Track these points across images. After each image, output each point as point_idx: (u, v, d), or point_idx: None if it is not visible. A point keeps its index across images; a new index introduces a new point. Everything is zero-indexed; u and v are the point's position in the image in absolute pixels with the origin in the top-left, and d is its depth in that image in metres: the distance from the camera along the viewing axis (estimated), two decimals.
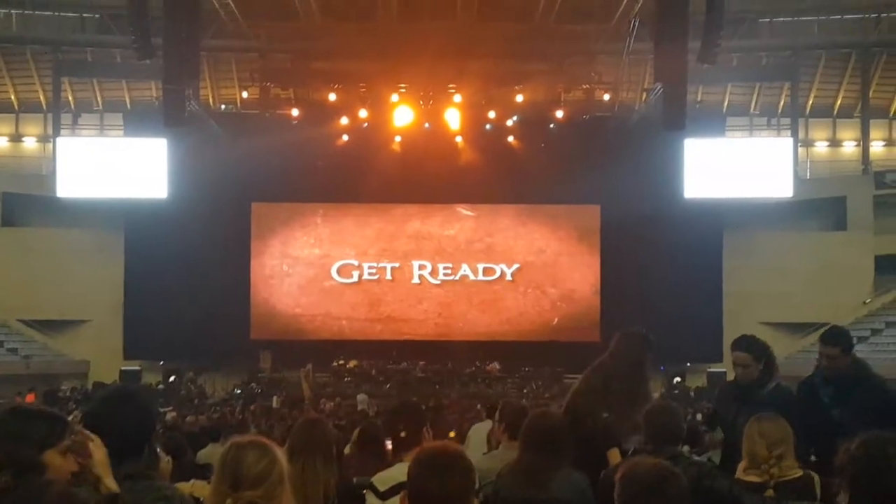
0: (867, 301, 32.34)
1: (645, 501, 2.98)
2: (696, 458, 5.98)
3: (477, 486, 2.95)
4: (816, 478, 4.78)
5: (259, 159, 28.50)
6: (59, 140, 32.32)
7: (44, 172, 32.78)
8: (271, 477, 3.02)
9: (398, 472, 4.58)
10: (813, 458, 5.30)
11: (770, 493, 4.61)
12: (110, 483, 3.16)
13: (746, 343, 5.93)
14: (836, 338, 6.03)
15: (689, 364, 30.43)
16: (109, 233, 31.51)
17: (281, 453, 3.14)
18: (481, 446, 9.86)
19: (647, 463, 3.14)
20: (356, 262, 32.16)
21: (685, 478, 3.14)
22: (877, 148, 34.82)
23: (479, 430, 10.19)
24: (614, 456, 5.42)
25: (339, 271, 32.06)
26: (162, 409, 21.31)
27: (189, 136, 28.36)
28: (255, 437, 3.19)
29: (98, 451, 3.14)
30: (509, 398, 10.42)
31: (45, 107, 34.28)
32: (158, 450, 4.80)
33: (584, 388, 6.05)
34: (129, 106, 34.23)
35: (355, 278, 32.11)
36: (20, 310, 31.26)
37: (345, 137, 30.50)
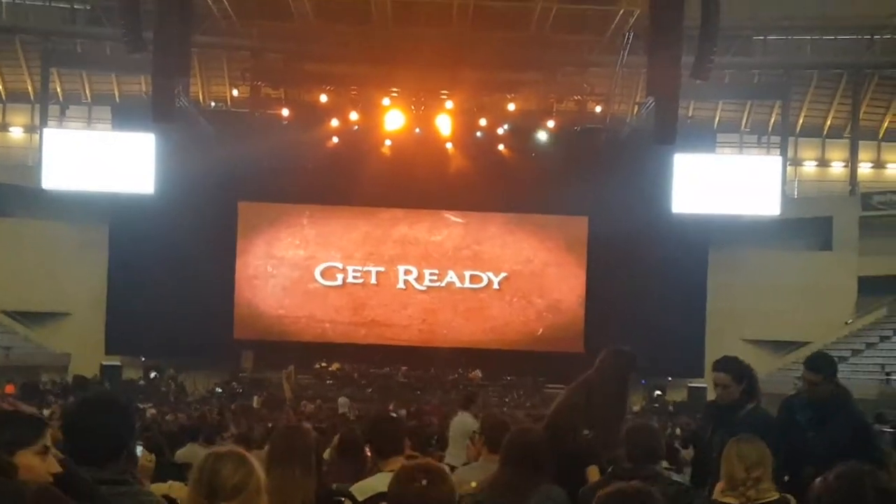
0: (849, 321, 32.51)
1: None
2: (674, 476, 6.00)
3: (457, 501, 2.97)
4: (793, 501, 4.79)
5: (247, 158, 28.39)
6: (45, 131, 32.12)
7: (30, 163, 32.60)
8: (248, 488, 3.00)
9: (377, 483, 4.58)
10: (786, 478, 5.32)
11: None
12: None
13: (727, 364, 5.92)
14: (819, 364, 6.03)
15: (670, 378, 30.53)
16: (94, 226, 31.34)
17: (258, 464, 3.12)
18: (462, 440, 9.91)
19: (625, 486, 3.14)
20: (341, 266, 32.14)
21: (662, 499, 3.15)
22: (865, 169, 35.00)
23: (457, 425, 10.24)
24: (593, 473, 5.42)
25: (322, 274, 32.03)
26: (141, 406, 21.24)
27: (177, 132, 28.23)
28: (232, 447, 3.17)
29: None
30: (491, 411, 10.39)
31: (32, 97, 34.06)
32: (141, 448, 4.78)
33: (566, 404, 6.05)
34: (117, 99, 34.09)
35: (339, 281, 32.08)
36: (2, 301, 31.06)
37: (335, 139, 30.48)
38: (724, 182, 31.10)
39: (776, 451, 4.95)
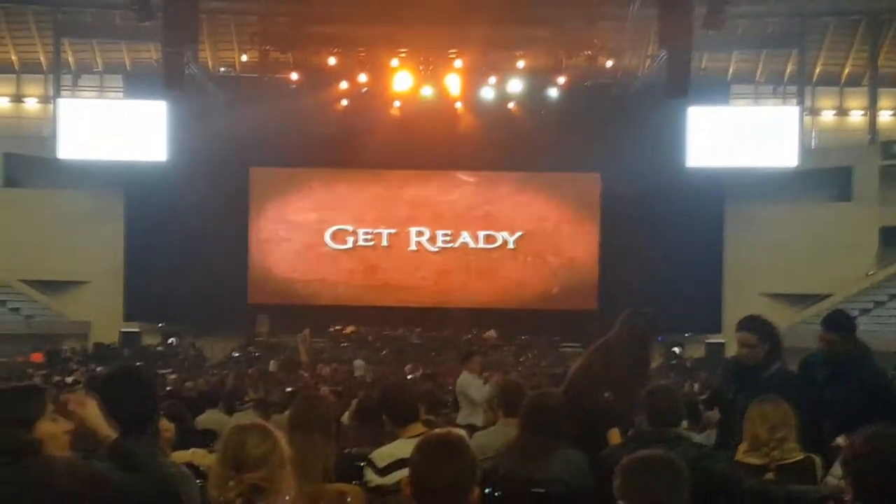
0: (871, 273, 32.25)
1: (645, 492, 2.97)
2: (695, 437, 5.97)
3: (478, 472, 2.96)
4: (818, 461, 4.77)
5: (258, 123, 28.35)
6: (59, 101, 32.19)
7: (44, 134, 32.66)
8: (272, 459, 3.10)
9: (397, 449, 4.60)
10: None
11: (771, 475, 4.61)
12: (107, 432, 3.21)
13: (752, 323, 5.85)
14: (836, 323, 5.97)
15: (687, 335, 30.45)
16: (110, 195, 31.52)
17: (282, 437, 3.19)
18: (465, 398, 9.98)
19: (647, 453, 3.12)
20: (351, 228, 32.17)
21: (685, 464, 3.13)
22: (884, 117, 34.51)
23: (459, 384, 10.33)
24: (614, 436, 5.41)
25: (333, 237, 32.07)
26: (161, 371, 21.41)
27: (188, 99, 28.22)
28: (256, 422, 3.25)
29: (89, 406, 3.19)
30: (507, 375, 10.41)
31: (45, 68, 34.10)
32: (162, 417, 4.79)
33: (585, 367, 6.01)
34: (128, 68, 34.05)
35: (350, 244, 32.14)
36: (22, 270, 31.32)
37: (344, 102, 30.38)
38: (739, 134, 30.81)
39: (798, 411, 4.92)
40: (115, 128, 30.75)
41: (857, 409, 5.29)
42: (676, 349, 30.38)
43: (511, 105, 30.61)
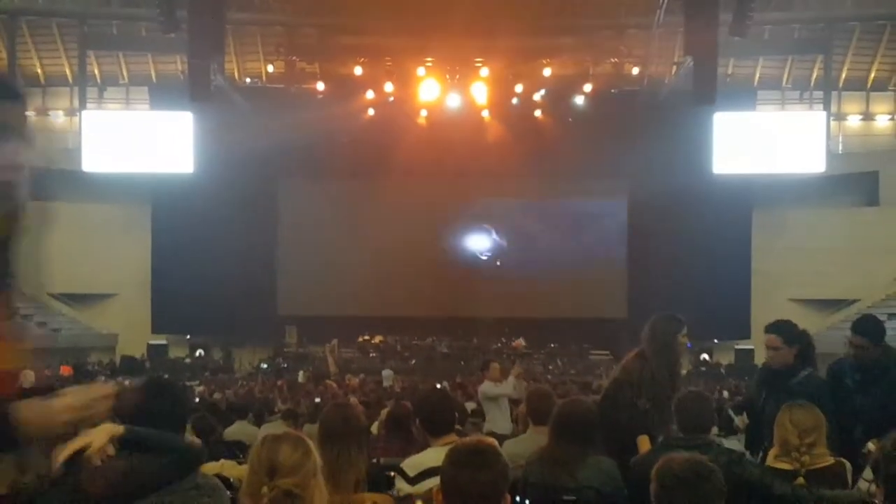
0: None
1: (682, 497, 2.95)
2: (725, 443, 5.93)
3: (510, 480, 2.96)
4: (848, 465, 4.74)
5: (284, 133, 28.42)
6: (84, 113, 32.42)
7: (70, 146, 32.92)
8: (306, 467, 3.09)
9: (428, 458, 4.58)
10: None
11: (801, 480, 4.58)
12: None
13: (777, 326, 5.86)
14: (866, 328, 5.91)
15: (716, 341, 30.32)
16: (136, 207, 31.72)
17: (314, 446, 3.18)
18: (487, 406, 10.02)
19: (683, 458, 3.11)
20: (380, 237, 32.22)
21: (719, 470, 3.12)
22: None
23: (481, 394, 10.40)
24: (644, 443, 5.38)
25: (361, 247, 32.14)
26: (188, 383, 21.48)
27: (214, 110, 28.42)
28: (289, 431, 3.24)
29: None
30: (537, 385, 10.42)
31: (71, 80, 34.38)
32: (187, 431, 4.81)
33: (623, 376, 5.97)
34: (154, 79, 34.29)
35: (379, 254, 32.18)
36: (48, 284, 31.48)
37: (370, 112, 30.46)
38: (766, 140, 30.70)
39: (828, 416, 4.89)
40: (141, 140, 30.93)
41: (889, 415, 5.27)
42: (705, 356, 30.23)
43: (538, 113, 30.60)
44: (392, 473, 4.83)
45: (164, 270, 31.19)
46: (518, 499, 4.60)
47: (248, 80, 33.86)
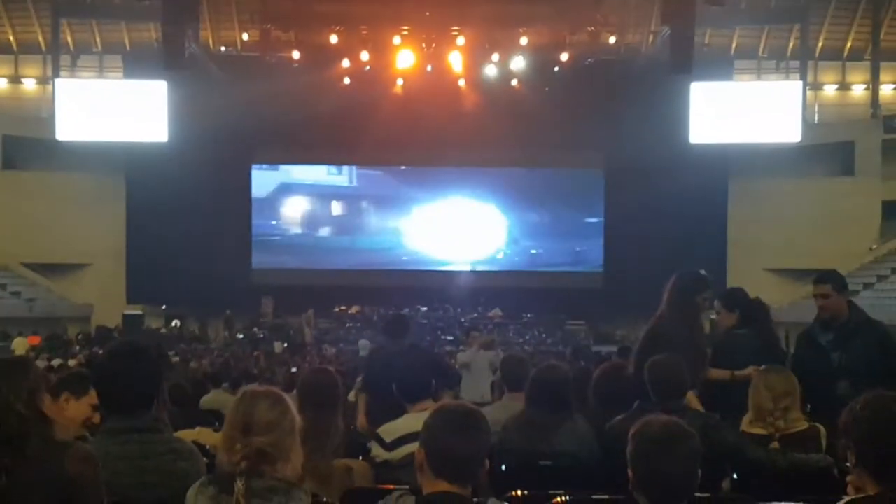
0: (873, 247, 32.27)
1: (658, 459, 2.98)
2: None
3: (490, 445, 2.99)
4: (822, 430, 4.79)
5: (259, 102, 28.22)
6: (58, 82, 32.06)
7: (43, 115, 32.58)
8: (282, 426, 3.07)
9: (404, 424, 4.61)
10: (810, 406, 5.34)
11: (775, 445, 4.63)
12: None
13: (720, 294, 6.29)
14: (825, 276, 6.04)
15: None
16: (110, 176, 31.45)
17: (292, 404, 3.17)
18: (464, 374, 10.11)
19: (660, 420, 3.13)
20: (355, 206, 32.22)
21: (696, 433, 3.14)
22: (886, 91, 34.42)
23: (463, 359, 10.48)
24: (692, 400, 5.34)
25: (337, 216, 32.12)
26: (164, 353, 21.39)
27: (189, 79, 28.15)
28: (268, 387, 3.23)
29: None
30: (511, 352, 10.49)
31: (44, 48, 33.95)
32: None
33: (648, 337, 5.99)
34: (128, 48, 33.90)
35: (355, 223, 32.19)
36: (23, 253, 31.31)
37: (346, 80, 30.28)
38: (742, 110, 30.74)
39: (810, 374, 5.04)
40: (115, 108, 30.60)
41: (869, 370, 5.42)
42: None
43: (514, 82, 30.50)
44: (369, 441, 4.85)
45: (139, 240, 30.98)
46: (495, 464, 4.63)
47: (222, 48, 33.51)
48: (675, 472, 2.98)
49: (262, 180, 32.44)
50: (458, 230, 32.29)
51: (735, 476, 4.47)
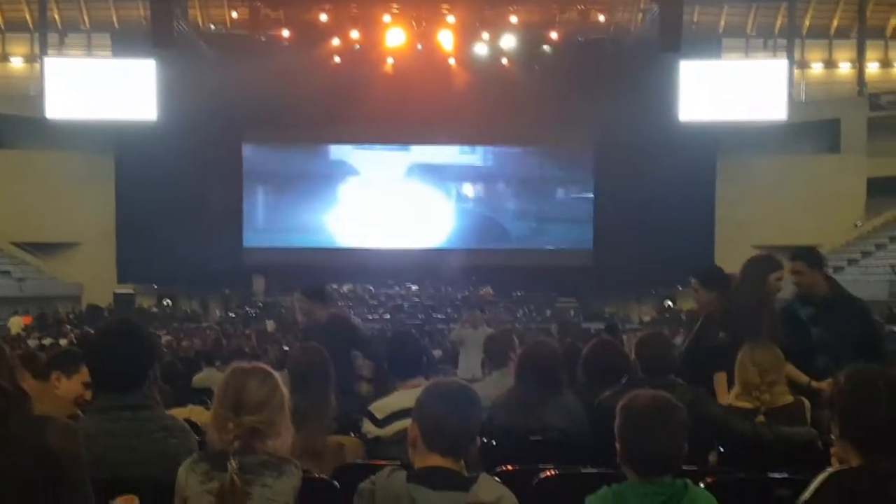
0: (858, 224, 32.44)
1: (645, 432, 3.03)
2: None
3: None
4: (807, 403, 4.85)
5: (249, 81, 28.08)
6: (46, 60, 31.84)
7: (32, 93, 32.40)
8: (272, 403, 3.09)
9: (396, 401, 4.62)
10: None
11: (761, 419, 4.69)
12: None
13: (696, 271, 6.36)
14: (798, 253, 6.07)
15: (680, 288, 30.57)
16: (100, 155, 31.32)
17: (282, 381, 3.19)
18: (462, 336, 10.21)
19: (648, 394, 3.18)
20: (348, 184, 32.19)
21: (683, 407, 3.19)
22: (872, 69, 34.50)
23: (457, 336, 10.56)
24: (719, 380, 5.44)
25: (328, 193, 32.11)
26: (156, 332, 21.43)
27: (178, 58, 27.99)
28: (257, 364, 3.24)
29: None
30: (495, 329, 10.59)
31: (31, 26, 33.71)
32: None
33: (707, 315, 6.06)
34: (116, 26, 33.67)
35: (348, 200, 32.16)
36: (12, 232, 31.20)
37: (336, 59, 30.16)
38: (730, 88, 30.80)
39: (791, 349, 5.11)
40: (104, 87, 30.42)
41: (848, 344, 5.50)
42: (669, 302, 30.54)
43: (504, 61, 30.44)
44: (361, 418, 4.87)
45: (129, 219, 30.87)
46: (485, 441, 4.68)
47: (212, 26, 33.33)
48: (662, 444, 3.03)
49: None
50: (446, 208, 32.28)
51: (721, 449, 4.53)
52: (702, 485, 3.40)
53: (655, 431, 3.02)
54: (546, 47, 30.24)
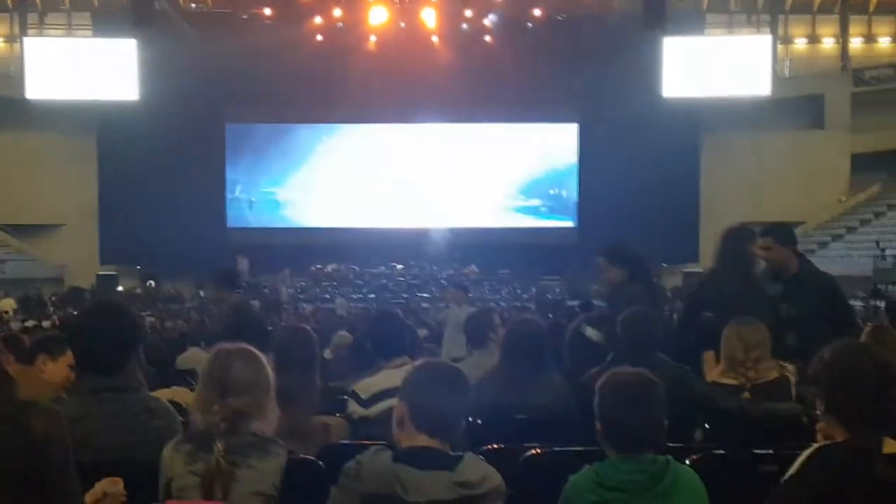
0: (843, 199, 32.57)
1: (623, 410, 3.04)
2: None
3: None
4: (792, 379, 4.87)
5: (232, 60, 27.94)
6: (26, 40, 31.64)
7: (11, 73, 32.12)
8: (258, 385, 3.08)
9: (381, 381, 4.61)
10: None
11: (747, 395, 4.70)
12: None
13: (603, 249, 6.43)
14: (767, 230, 6.10)
15: (665, 265, 30.64)
16: (81, 136, 31.11)
17: (267, 362, 3.17)
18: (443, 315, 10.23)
19: (626, 371, 3.19)
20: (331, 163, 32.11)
21: (663, 385, 3.19)
22: (855, 44, 34.56)
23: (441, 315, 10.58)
24: (708, 359, 5.44)
25: (312, 172, 32.01)
26: (140, 313, 21.34)
27: (159, 36, 27.86)
28: (241, 345, 3.22)
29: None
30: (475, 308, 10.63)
31: (11, 5, 33.37)
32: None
33: (695, 293, 6.11)
34: (96, 5, 33.37)
35: (331, 179, 32.09)
36: None
37: (319, 37, 29.99)
38: (714, 64, 30.81)
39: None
40: (85, 67, 30.26)
41: (817, 321, 5.51)
42: (654, 280, 30.58)
43: (487, 38, 30.34)
44: (346, 398, 4.86)
45: (112, 200, 30.72)
46: (470, 419, 4.68)
47: (193, 4, 33.04)
48: (640, 422, 3.04)
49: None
50: (433, 186, 32.24)
51: (707, 426, 4.54)
52: (687, 462, 3.41)
53: (633, 408, 3.04)
54: (529, 24, 30.13)
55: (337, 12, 29.52)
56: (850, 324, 5.85)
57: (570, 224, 31.96)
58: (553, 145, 32.45)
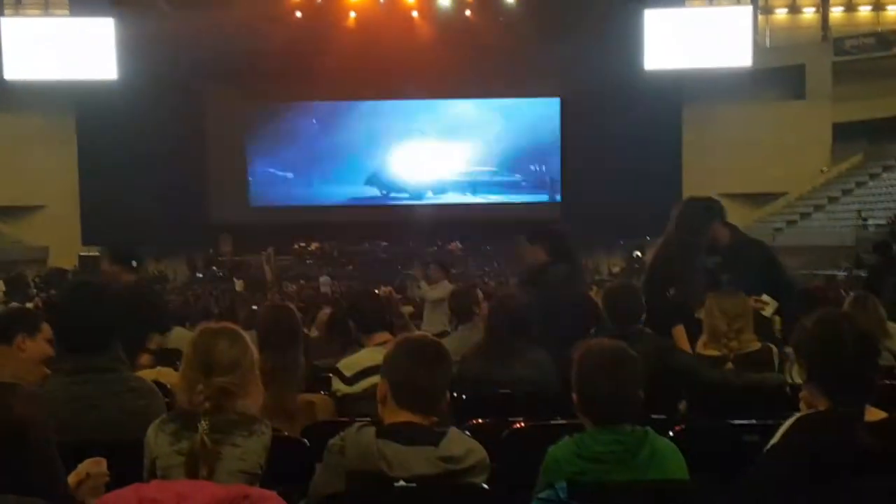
0: (824, 169, 32.66)
1: (599, 381, 3.04)
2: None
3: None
4: (774, 349, 4.90)
5: (211, 38, 27.69)
6: (3, 20, 31.36)
7: None
8: (242, 363, 3.06)
9: (363, 358, 4.62)
10: None
11: (729, 366, 4.73)
12: None
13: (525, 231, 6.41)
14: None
15: (648, 238, 30.69)
16: (61, 116, 30.95)
17: (251, 340, 3.16)
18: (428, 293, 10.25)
19: (603, 344, 3.19)
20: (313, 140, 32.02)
21: (640, 357, 3.20)
22: (836, 14, 34.52)
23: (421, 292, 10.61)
24: (678, 333, 5.48)
25: (293, 150, 31.90)
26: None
27: (137, 15, 27.65)
28: (225, 324, 3.20)
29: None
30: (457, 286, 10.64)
31: None
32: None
33: (658, 257, 6.09)
34: None
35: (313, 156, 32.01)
36: None
37: (298, 14, 29.79)
38: (695, 36, 30.81)
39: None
40: (63, 46, 30.10)
41: (756, 287, 5.63)
42: (637, 253, 30.64)
43: (468, 13, 30.21)
44: (330, 375, 4.86)
45: (93, 180, 30.59)
46: (455, 394, 4.69)
47: None
48: (615, 393, 3.04)
49: None
50: (415, 163, 32.19)
51: (690, 397, 4.56)
52: (671, 433, 3.42)
53: (608, 381, 3.04)
54: None
55: None
56: (787, 284, 5.99)
57: (545, 199, 31.95)
58: (535, 120, 32.39)
